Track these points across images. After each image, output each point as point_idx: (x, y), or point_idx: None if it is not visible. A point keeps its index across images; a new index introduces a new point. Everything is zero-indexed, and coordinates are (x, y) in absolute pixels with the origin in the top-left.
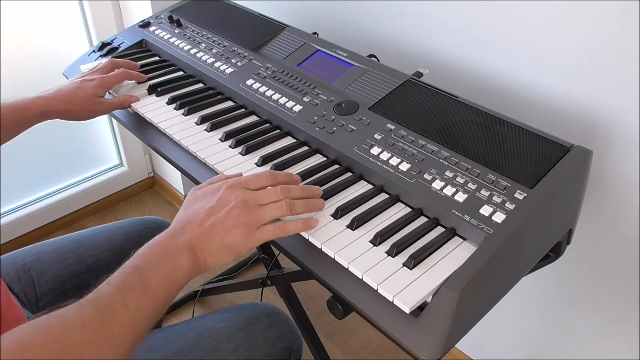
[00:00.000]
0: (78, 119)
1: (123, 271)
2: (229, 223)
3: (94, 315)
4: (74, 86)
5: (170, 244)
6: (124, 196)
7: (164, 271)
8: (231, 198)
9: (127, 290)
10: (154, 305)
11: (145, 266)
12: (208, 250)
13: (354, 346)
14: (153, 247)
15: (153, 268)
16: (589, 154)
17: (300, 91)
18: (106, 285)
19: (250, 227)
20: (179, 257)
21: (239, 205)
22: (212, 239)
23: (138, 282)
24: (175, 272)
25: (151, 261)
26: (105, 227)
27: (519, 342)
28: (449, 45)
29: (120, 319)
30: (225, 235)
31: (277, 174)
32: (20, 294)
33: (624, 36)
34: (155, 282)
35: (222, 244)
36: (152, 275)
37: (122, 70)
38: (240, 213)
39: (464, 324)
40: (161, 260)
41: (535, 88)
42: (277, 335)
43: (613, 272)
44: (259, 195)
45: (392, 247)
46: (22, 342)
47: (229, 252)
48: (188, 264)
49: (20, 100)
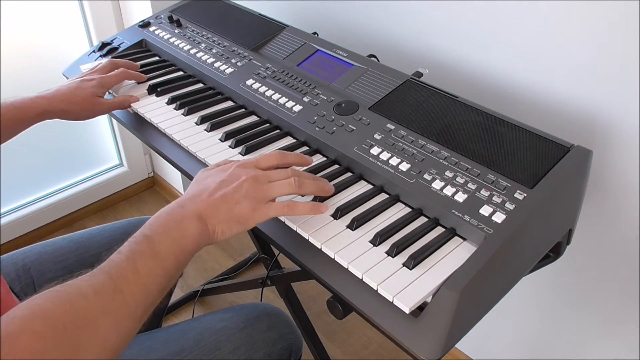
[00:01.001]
0: (77, 118)
1: (133, 240)
2: (238, 195)
3: (107, 282)
4: (73, 86)
5: (178, 212)
6: (124, 196)
7: (173, 238)
8: (242, 174)
9: (137, 258)
10: (164, 272)
11: (154, 234)
12: (217, 218)
13: (354, 346)
14: (162, 216)
15: (162, 235)
16: (589, 154)
17: (300, 91)
18: (117, 254)
19: (259, 200)
20: (187, 224)
21: (249, 180)
22: (220, 209)
23: (147, 249)
24: (184, 238)
25: (160, 229)
26: (105, 227)
27: (519, 342)
28: (449, 45)
29: (132, 285)
30: (234, 206)
31: (287, 153)
32: (20, 294)
33: (624, 36)
34: (165, 248)
35: (231, 214)
36: (161, 242)
37: (121, 70)
38: (250, 187)
39: (464, 324)
40: (169, 227)
41: (535, 88)
42: (277, 335)
43: (613, 272)
44: (269, 173)
45: (392, 247)
46: (34, 309)
47: (237, 223)
48: (196, 231)
49: (20, 99)
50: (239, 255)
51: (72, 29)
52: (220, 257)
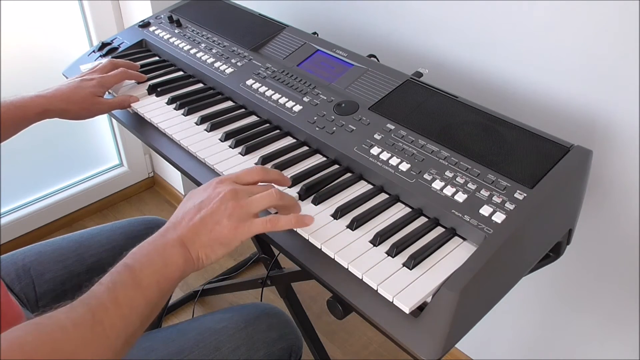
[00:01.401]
0: (77, 118)
1: (114, 270)
2: (217, 215)
3: (86, 314)
4: (73, 85)
5: (160, 241)
6: (124, 196)
7: (155, 267)
8: (220, 190)
9: (119, 288)
10: (146, 302)
11: (136, 263)
12: (199, 243)
13: (354, 346)
14: (144, 246)
15: (144, 265)
16: (589, 154)
17: (300, 91)
18: (98, 285)
19: (239, 218)
20: (169, 253)
21: (227, 196)
22: (201, 232)
23: (129, 279)
24: (167, 267)
25: (142, 259)
26: (105, 227)
27: (519, 342)
28: (449, 45)
29: (113, 317)
30: (214, 227)
31: (269, 170)
32: (20, 294)
33: (624, 36)
34: (147, 278)
35: (212, 236)
36: (142, 272)
37: (121, 70)
38: (229, 205)
39: (464, 324)
40: (151, 257)
41: (535, 88)
42: (277, 335)
43: (613, 272)
44: (249, 187)
45: (392, 247)
46: (14, 343)
47: (220, 244)
48: (180, 259)
49: (20, 98)
50: (239, 255)
51: (72, 29)
52: None
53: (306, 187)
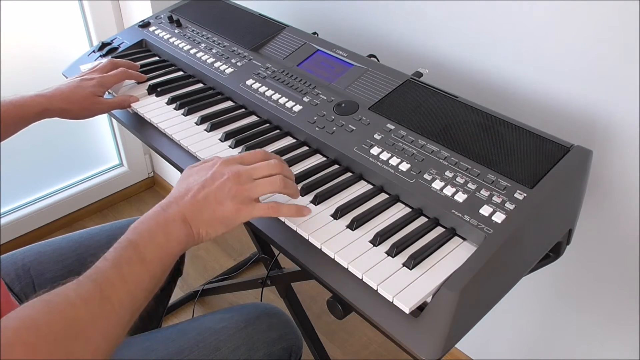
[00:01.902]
0: (77, 117)
1: (118, 246)
2: (221, 195)
3: (94, 290)
4: (73, 85)
5: (162, 216)
6: (124, 196)
7: (158, 242)
8: (225, 171)
9: (124, 264)
10: (150, 277)
11: (140, 239)
12: (201, 220)
13: (354, 346)
14: (146, 220)
15: (147, 240)
16: (589, 154)
17: (300, 91)
18: (103, 260)
19: (242, 200)
20: (171, 228)
21: (232, 178)
22: (204, 210)
23: (133, 255)
24: (169, 242)
25: (145, 234)
26: (105, 226)
27: (519, 342)
28: (449, 45)
29: (120, 292)
30: (217, 207)
31: (271, 154)
32: (20, 294)
33: (624, 36)
34: (150, 254)
35: (214, 215)
36: (146, 247)
37: (121, 69)
38: (233, 186)
39: (464, 324)
40: (154, 232)
41: (535, 88)
42: (277, 335)
43: (613, 272)
44: (253, 169)
45: (392, 247)
46: (25, 320)
47: (221, 224)
48: (181, 234)
49: (20, 98)
50: (239, 255)
51: (72, 29)
52: (220, 257)
53: (306, 187)
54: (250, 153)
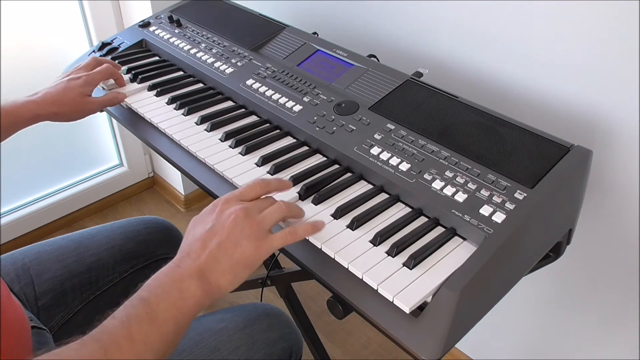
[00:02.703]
0: (68, 120)
1: (129, 304)
2: (235, 237)
3: (97, 352)
4: (61, 87)
5: (176, 272)
6: (124, 196)
7: (172, 300)
8: (229, 212)
9: (133, 323)
10: (161, 338)
11: (152, 297)
12: (220, 271)
13: (354, 346)
14: (159, 278)
15: (160, 298)
16: (589, 154)
17: (300, 91)
18: (111, 319)
19: (258, 236)
20: (187, 285)
21: (240, 216)
22: (221, 258)
23: (144, 313)
24: (185, 300)
25: (157, 291)
26: (105, 226)
27: (519, 342)
28: (449, 45)
29: (126, 353)
30: (235, 250)
31: (269, 181)
32: (19, 294)
33: (624, 36)
34: (163, 313)
35: (233, 260)
36: (159, 305)
37: (106, 65)
38: (244, 224)
39: (464, 324)
40: (168, 289)
41: (535, 88)
42: (277, 335)
43: (613, 272)
44: (258, 204)
45: (392, 247)
46: None
47: (243, 267)
48: (198, 291)
49: (10, 104)
50: None
51: (72, 29)
52: None
53: (306, 187)
54: (247, 187)
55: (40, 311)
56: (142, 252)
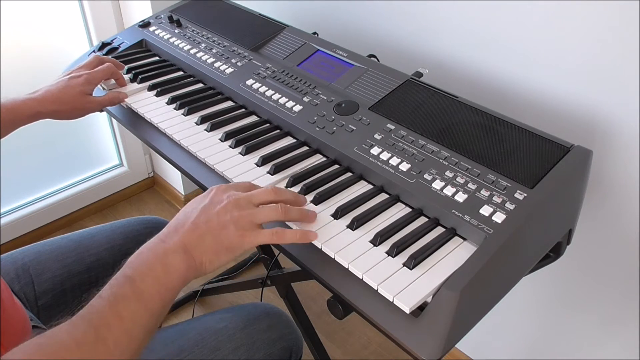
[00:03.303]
0: (69, 118)
1: (114, 282)
2: (223, 220)
3: (88, 331)
4: (62, 85)
5: (160, 247)
6: (124, 196)
7: (156, 276)
8: (223, 197)
9: (120, 301)
10: (149, 314)
11: (136, 274)
12: (203, 248)
13: (354, 346)
14: (143, 253)
15: (144, 275)
16: (589, 154)
17: (300, 91)
18: (97, 299)
19: (245, 226)
20: (171, 259)
21: (232, 202)
22: (206, 237)
23: (130, 291)
24: (169, 275)
25: (142, 268)
26: (105, 226)
27: (519, 342)
28: (449, 45)
29: (116, 332)
30: (220, 232)
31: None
32: (19, 294)
33: (624, 36)
34: (148, 288)
35: (217, 241)
36: (144, 282)
37: (108, 64)
38: (234, 210)
39: (464, 324)
40: (152, 265)
41: (535, 88)
42: (277, 335)
43: (613, 272)
44: (251, 195)
45: (392, 247)
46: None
47: (226, 250)
48: (182, 266)
49: (10, 101)
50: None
51: (72, 29)
52: None
53: (306, 187)
54: (241, 182)
55: (40, 311)
56: None
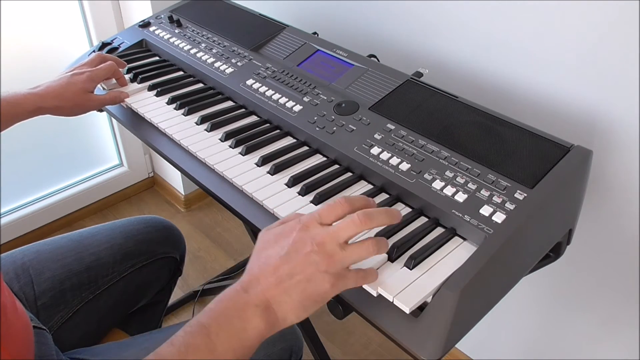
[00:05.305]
0: (69, 114)
1: (188, 329)
2: (310, 271)
3: None
4: (64, 82)
5: (241, 298)
6: (124, 196)
7: (233, 331)
8: (307, 241)
9: (190, 353)
10: None
11: (212, 324)
12: (290, 304)
13: (354, 346)
14: (223, 301)
15: (220, 327)
16: (589, 154)
17: (300, 91)
18: (168, 346)
19: (334, 274)
20: (251, 315)
21: (318, 248)
22: (292, 291)
23: (203, 343)
24: (246, 332)
25: (219, 319)
26: (105, 226)
27: (519, 342)
28: (449, 45)
29: None
30: (307, 285)
31: (353, 199)
32: (19, 293)
33: (624, 36)
34: (223, 344)
35: (304, 295)
36: (219, 336)
37: (110, 63)
38: (321, 258)
39: (464, 324)
40: (230, 318)
41: (535, 88)
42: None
43: (613, 272)
44: (338, 232)
45: (392, 248)
46: None
47: (313, 302)
48: (262, 323)
49: (12, 95)
50: (239, 255)
51: (72, 29)
52: (220, 257)
53: (306, 187)
54: (329, 207)
55: (40, 311)
56: (142, 252)
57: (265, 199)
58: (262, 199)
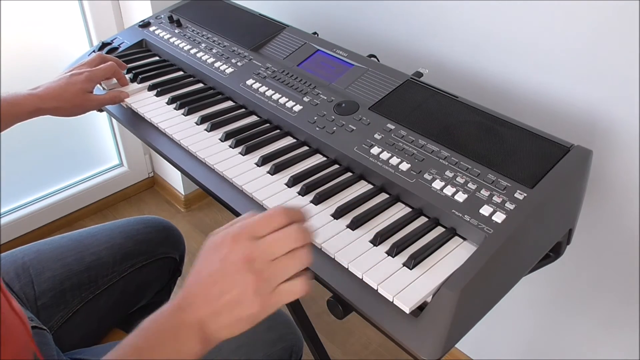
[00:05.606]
0: (69, 115)
1: (121, 351)
2: (236, 292)
3: None
4: (63, 82)
5: (177, 317)
6: (124, 196)
7: (167, 352)
8: (235, 259)
9: None
10: None
11: (145, 347)
12: (220, 324)
13: (354, 346)
14: (157, 322)
15: (154, 349)
16: (589, 154)
17: (300, 91)
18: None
19: (265, 292)
20: (185, 336)
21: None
22: (222, 313)
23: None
24: (181, 353)
25: (153, 340)
26: (105, 226)
27: (519, 342)
28: (449, 46)
29: None
30: (236, 306)
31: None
32: (19, 293)
33: (624, 36)
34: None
35: (234, 317)
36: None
37: (110, 63)
38: (250, 280)
39: (464, 324)
40: (164, 339)
41: (535, 88)
42: (277, 335)
43: (613, 272)
44: (269, 247)
45: (392, 247)
46: None
47: (245, 322)
48: (197, 345)
49: (12, 96)
50: None
51: (72, 29)
52: None
53: (306, 187)
54: (265, 218)
55: (40, 310)
56: (142, 252)
57: (265, 198)
58: (262, 198)
